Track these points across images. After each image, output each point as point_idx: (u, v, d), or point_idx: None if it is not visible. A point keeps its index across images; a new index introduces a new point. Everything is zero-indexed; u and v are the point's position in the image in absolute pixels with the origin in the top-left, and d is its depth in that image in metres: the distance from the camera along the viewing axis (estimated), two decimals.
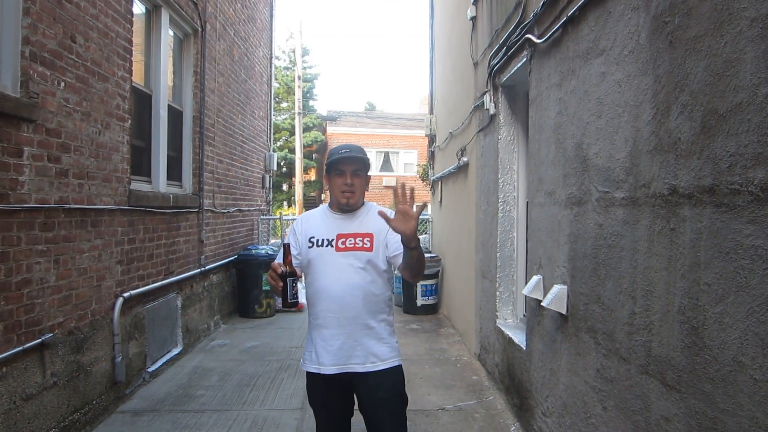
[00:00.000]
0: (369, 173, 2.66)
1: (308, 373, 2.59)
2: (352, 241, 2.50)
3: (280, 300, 9.13)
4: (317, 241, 2.55)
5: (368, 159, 2.61)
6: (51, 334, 3.50)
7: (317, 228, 2.59)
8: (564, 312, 3.10)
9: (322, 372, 2.48)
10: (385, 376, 2.48)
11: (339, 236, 2.52)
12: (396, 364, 2.54)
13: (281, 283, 2.34)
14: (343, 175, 2.53)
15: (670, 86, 2.06)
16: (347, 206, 2.55)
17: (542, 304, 3.30)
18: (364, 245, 2.50)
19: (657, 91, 2.15)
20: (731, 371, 1.70)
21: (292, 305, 2.36)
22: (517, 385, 4.16)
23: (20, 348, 3.20)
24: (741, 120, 1.67)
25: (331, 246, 2.52)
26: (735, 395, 1.69)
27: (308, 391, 2.64)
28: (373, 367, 2.47)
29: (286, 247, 2.40)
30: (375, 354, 2.47)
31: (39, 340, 3.38)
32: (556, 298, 3.13)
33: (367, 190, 2.64)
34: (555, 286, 3.21)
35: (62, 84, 3.63)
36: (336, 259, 2.50)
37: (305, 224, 2.65)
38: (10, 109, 3.11)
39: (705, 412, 1.83)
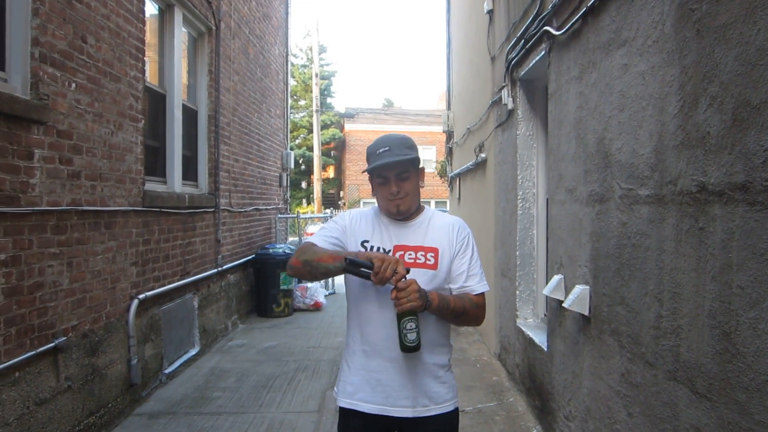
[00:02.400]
0: (421, 166, 2.14)
1: (342, 409, 2.10)
2: (413, 255, 2.04)
3: (300, 298, 8.85)
4: (371, 248, 2.09)
5: (415, 154, 2.07)
6: (64, 338, 3.47)
7: (372, 233, 2.12)
8: (586, 313, 2.99)
9: (358, 409, 2.04)
10: (437, 423, 2.05)
11: (396, 248, 2.07)
12: (452, 408, 2.09)
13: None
14: (386, 183, 2.05)
15: (697, 77, 1.95)
16: (399, 214, 2.08)
17: (564, 305, 3.20)
18: (427, 261, 2.04)
19: (684, 82, 2.04)
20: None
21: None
22: (539, 386, 4.05)
23: (33, 352, 3.18)
24: None
25: None
26: None
27: (340, 430, 2.15)
28: (425, 412, 2.02)
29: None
30: (428, 395, 2.03)
31: (52, 344, 3.36)
32: (578, 299, 3.02)
33: (423, 186, 2.15)
34: (577, 286, 3.10)
35: (73, 85, 3.60)
36: None
37: (355, 224, 2.17)
38: (19, 111, 3.08)
39: (739, 423, 1.72)
